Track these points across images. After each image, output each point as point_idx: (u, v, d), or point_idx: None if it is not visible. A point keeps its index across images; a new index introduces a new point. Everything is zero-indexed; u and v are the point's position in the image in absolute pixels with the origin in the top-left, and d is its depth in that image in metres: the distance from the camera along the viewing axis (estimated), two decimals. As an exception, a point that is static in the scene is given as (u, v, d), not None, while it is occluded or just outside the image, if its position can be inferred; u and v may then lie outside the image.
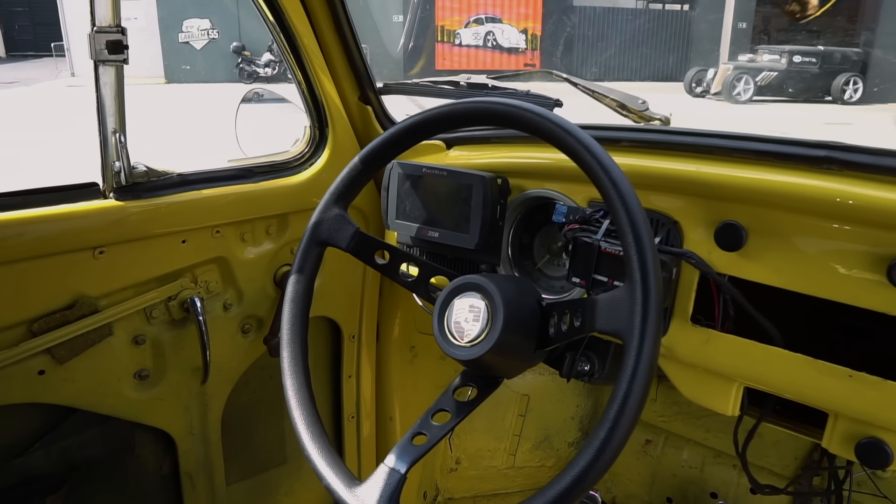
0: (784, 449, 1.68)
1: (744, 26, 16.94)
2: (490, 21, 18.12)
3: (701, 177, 0.97)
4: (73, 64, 15.68)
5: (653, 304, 0.76)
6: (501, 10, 18.32)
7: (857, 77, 14.00)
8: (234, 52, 15.56)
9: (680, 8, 19.09)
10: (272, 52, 14.88)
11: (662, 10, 19.09)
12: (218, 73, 15.65)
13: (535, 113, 0.87)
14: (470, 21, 18.10)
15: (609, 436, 0.75)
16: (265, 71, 15.45)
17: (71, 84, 14.15)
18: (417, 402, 1.78)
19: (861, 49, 14.63)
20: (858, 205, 0.88)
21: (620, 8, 18.69)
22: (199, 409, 1.35)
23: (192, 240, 1.23)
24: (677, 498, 1.90)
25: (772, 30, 17.57)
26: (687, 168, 0.99)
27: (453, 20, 18.01)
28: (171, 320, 1.25)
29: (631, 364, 0.76)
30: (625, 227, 0.79)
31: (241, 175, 1.28)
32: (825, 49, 14.31)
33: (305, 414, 0.97)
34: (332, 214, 1.03)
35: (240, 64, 15.45)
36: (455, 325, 0.91)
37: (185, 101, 13.28)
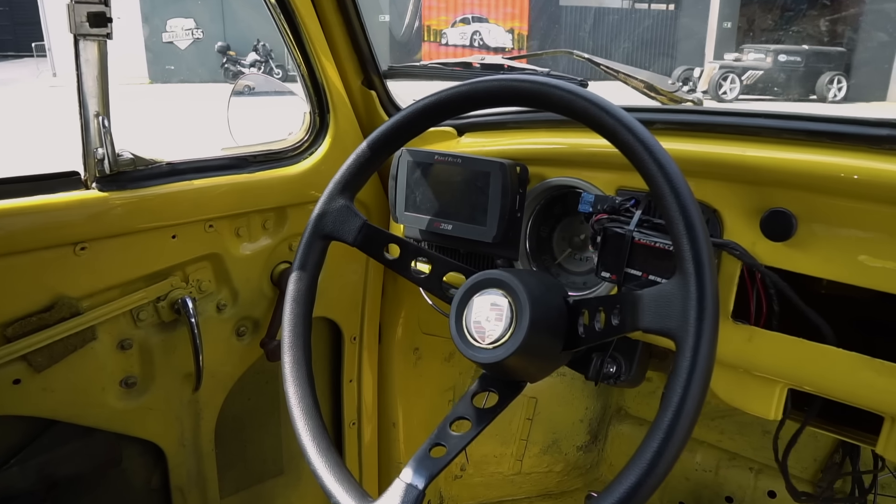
0: (803, 451, 1.62)
1: (728, 26, 17.01)
2: (476, 21, 18.07)
3: (745, 161, 0.89)
4: (54, 64, 15.43)
5: (709, 298, 0.68)
6: (488, 9, 18.29)
7: (841, 76, 14.09)
8: (218, 52, 15.40)
9: (666, 8, 19.15)
10: (257, 51, 14.75)
11: (648, 9, 19.15)
12: (203, 73, 15.47)
13: (568, 90, 0.78)
14: (456, 21, 18.05)
15: (662, 447, 0.67)
16: (251, 71, 15.29)
17: (53, 84, 13.91)
18: (421, 407, 1.70)
19: (845, 48, 14.74)
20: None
21: (606, 7, 18.72)
22: (191, 418, 1.26)
23: (183, 235, 1.13)
24: (690, 502, 1.83)
25: (756, 29, 17.67)
26: (730, 151, 0.90)
27: (440, 20, 17.95)
28: (161, 323, 1.16)
29: (686, 367, 0.68)
30: (674, 215, 0.71)
31: (235, 165, 1.19)
32: (809, 48, 14.39)
33: (311, 424, 0.88)
34: (338, 205, 0.95)
35: (225, 64, 15.29)
36: (475, 325, 0.84)
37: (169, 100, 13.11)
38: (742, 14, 17.27)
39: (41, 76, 15.30)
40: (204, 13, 16.04)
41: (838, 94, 14.05)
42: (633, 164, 0.75)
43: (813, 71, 14.08)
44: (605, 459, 1.97)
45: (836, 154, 0.85)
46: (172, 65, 16.00)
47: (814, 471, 1.62)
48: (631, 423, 1.91)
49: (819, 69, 14.09)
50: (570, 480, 1.97)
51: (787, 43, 14.82)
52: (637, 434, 1.88)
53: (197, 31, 15.79)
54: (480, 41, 18.18)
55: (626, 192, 1.01)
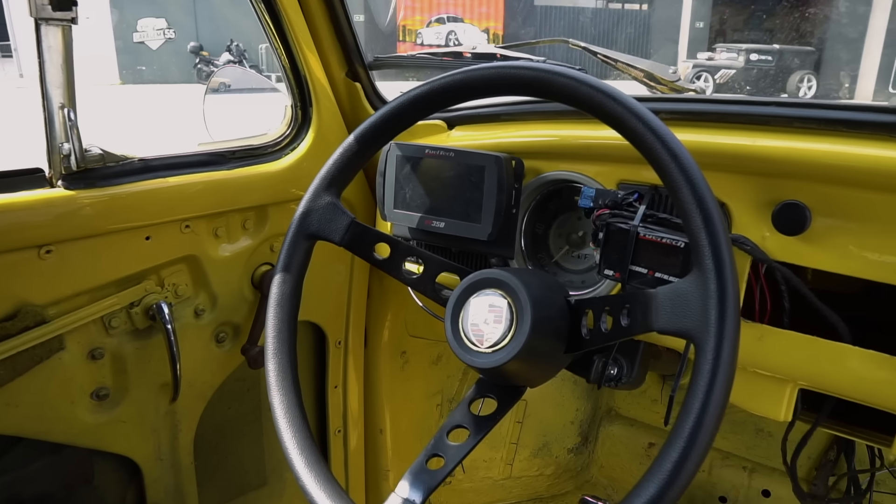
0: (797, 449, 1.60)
1: (701, 25, 17.20)
2: (452, 21, 18.06)
3: (756, 151, 0.84)
4: (20, 64, 15.07)
5: (730, 296, 0.64)
6: (463, 9, 18.30)
7: (811, 74, 14.33)
8: (191, 53, 15.15)
9: (639, 7, 19.32)
10: (231, 52, 14.54)
11: (622, 9, 19.30)
12: (175, 74, 15.21)
13: (571, 77, 0.74)
14: (431, 21, 18.02)
15: (684, 456, 0.62)
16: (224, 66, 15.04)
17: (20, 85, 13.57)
18: (409, 412, 1.65)
19: (814, 48, 14.99)
20: None
21: (581, 7, 18.84)
22: (169, 430, 1.19)
23: (158, 236, 1.06)
24: (683, 503, 1.80)
25: (727, 29, 17.89)
26: (739, 142, 0.86)
27: (414, 20, 17.92)
28: (134, 330, 1.09)
29: (708, 370, 0.63)
30: (690, 207, 0.66)
31: (213, 161, 1.12)
32: (780, 47, 14.62)
33: (299, 437, 0.82)
34: (324, 203, 0.89)
35: (198, 64, 15.05)
36: (472, 328, 0.79)
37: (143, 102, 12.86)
38: (714, 14, 17.49)
39: (7, 77, 14.93)
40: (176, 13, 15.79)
41: (808, 91, 14.29)
42: (644, 155, 0.70)
43: (784, 69, 14.31)
44: (595, 461, 1.94)
45: (853, 143, 0.81)
46: (144, 65, 15.72)
47: (808, 469, 1.60)
48: (621, 424, 1.87)
49: (790, 68, 14.33)
50: (561, 483, 1.93)
51: (758, 42, 15.04)
52: (628, 434, 1.85)
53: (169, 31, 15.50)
54: (456, 41, 18.15)
55: (627, 186, 0.96)
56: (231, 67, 1.48)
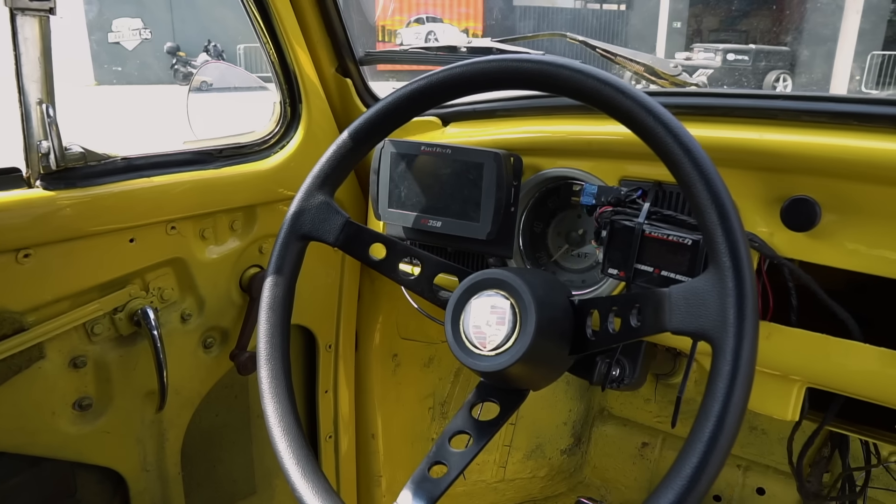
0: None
1: (678, 26, 17.36)
2: (431, 21, 18.04)
3: (764, 146, 0.82)
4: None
5: (749, 295, 0.61)
6: (442, 9, 18.29)
7: (786, 74, 14.53)
8: (168, 53, 14.95)
9: (617, 8, 19.45)
10: (209, 52, 14.37)
11: (600, 9, 19.42)
12: (152, 75, 14.99)
13: (576, 69, 0.71)
14: (411, 21, 17.99)
15: (704, 461, 0.60)
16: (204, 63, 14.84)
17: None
18: (400, 416, 1.62)
19: (789, 47, 15.20)
20: None
21: (559, 7, 18.92)
22: (155, 440, 1.14)
23: (142, 238, 1.02)
24: None
25: (704, 30, 18.08)
26: (747, 136, 0.84)
27: (394, 20, 17.85)
28: (118, 337, 1.04)
29: (727, 372, 0.61)
30: (705, 203, 0.64)
31: (199, 160, 1.08)
32: (756, 47, 14.81)
33: (294, 446, 0.79)
34: (317, 202, 0.86)
35: (175, 65, 14.85)
36: (474, 330, 0.76)
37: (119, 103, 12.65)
38: (691, 14, 17.66)
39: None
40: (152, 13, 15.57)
41: (784, 90, 14.48)
42: (654, 150, 0.68)
43: (760, 69, 14.50)
44: (588, 462, 1.92)
45: (864, 136, 0.79)
46: (119, 66, 15.48)
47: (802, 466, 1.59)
48: (614, 424, 1.86)
49: (766, 67, 14.51)
50: (555, 485, 1.91)
51: (735, 42, 15.22)
52: (621, 435, 1.84)
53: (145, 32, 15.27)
54: (435, 41, 18.06)
55: (630, 183, 0.94)
56: (214, 64, 1.42)
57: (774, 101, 0.86)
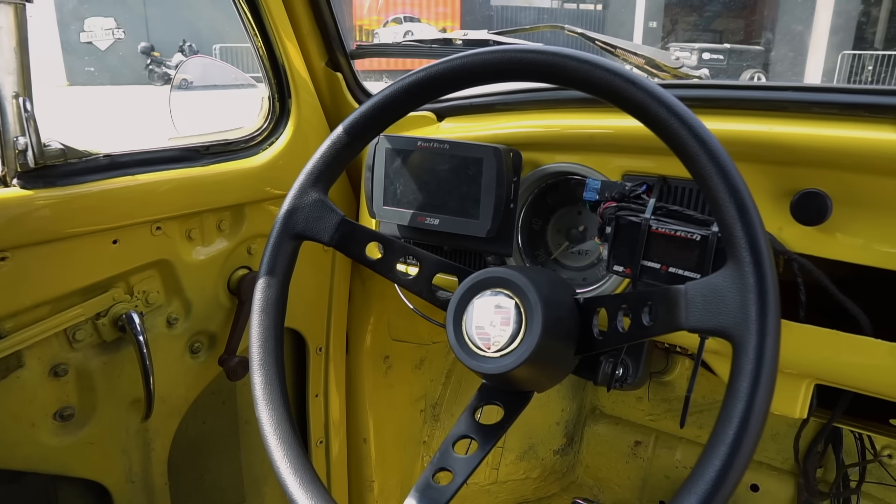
0: (783, 441, 1.59)
1: (654, 25, 17.52)
2: (408, 20, 17.99)
3: (773, 138, 0.80)
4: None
5: (771, 290, 0.59)
6: (419, 9, 18.25)
7: (760, 73, 14.73)
8: (142, 53, 14.70)
9: (594, 7, 19.58)
10: (184, 52, 14.16)
11: (577, 9, 19.53)
12: (126, 75, 14.74)
13: (584, 60, 0.68)
14: (388, 21, 17.92)
15: (728, 464, 0.57)
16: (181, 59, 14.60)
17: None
18: (393, 420, 1.58)
19: (763, 47, 15.42)
20: None
21: (537, 7, 18.99)
22: (141, 450, 1.09)
23: (126, 239, 0.97)
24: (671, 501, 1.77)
25: (679, 29, 18.27)
26: (756, 129, 0.82)
27: (371, 20, 17.78)
28: (101, 343, 0.99)
29: (750, 371, 0.58)
30: (723, 197, 0.62)
31: (185, 157, 1.03)
32: (731, 46, 14.99)
33: (291, 455, 0.76)
34: (310, 200, 0.82)
35: (149, 65, 14.62)
36: (478, 331, 0.74)
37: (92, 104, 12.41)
38: (667, 14, 17.85)
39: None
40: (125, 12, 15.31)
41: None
42: (668, 143, 0.66)
43: (734, 68, 14.68)
44: (581, 462, 1.90)
45: (876, 128, 0.77)
46: (92, 66, 15.20)
47: (794, 462, 1.59)
48: (606, 423, 1.84)
49: (740, 66, 14.70)
50: (547, 486, 1.89)
51: (709, 42, 15.40)
52: (613, 434, 1.82)
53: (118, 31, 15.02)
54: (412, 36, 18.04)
55: (634, 177, 0.92)
56: (195, 60, 1.36)
57: (783, 93, 0.84)
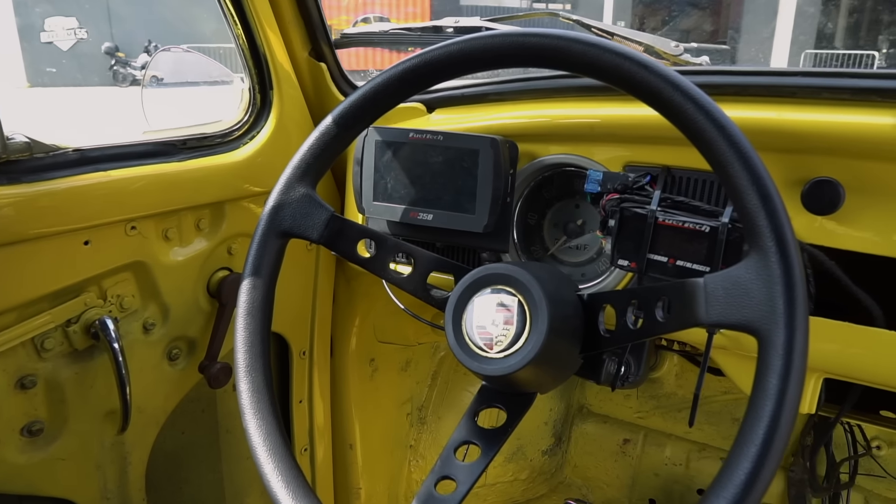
0: None
1: (622, 25, 17.71)
2: (378, 20, 17.85)
3: (783, 125, 0.77)
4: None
5: (798, 280, 0.56)
6: (389, 9, 18.18)
7: (727, 71, 15.00)
8: (106, 54, 14.37)
9: (562, 7, 19.72)
10: (149, 53, 13.89)
11: (545, 9, 19.65)
12: (89, 76, 14.40)
13: (592, 44, 0.65)
14: (358, 20, 17.75)
15: (759, 466, 0.54)
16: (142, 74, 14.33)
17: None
18: (379, 425, 1.53)
19: (728, 45, 15.68)
20: None
21: (506, 7, 19.06)
22: (116, 464, 1.03)
23: (98, 240, 0.91)
24: (661, 499, 1.76)
25: (646, 29, 18.51)
26: (764, 115, 0.79)
27: (340, 19, 17.63)
28: (73, 352, 0.93)
29: (779, 367, 0.55)
30: (744, 184, 0.59)
31: (161, 152, 0.97)
32: (698, 45, 15.20)
33: (282, 467, 0.71)
34: (298, 195, 0.78)
35: (114, 66, 14.29)
36: (479, 331, 0.70)
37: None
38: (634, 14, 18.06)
39: None
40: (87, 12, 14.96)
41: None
42: (684, 129, 0.62)
43: (701, 66, 14.93)
44: (569, 461, 1.87)
45: (890, 113, 0.75)
46: (54, 67, 14.81)
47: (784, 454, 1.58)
48: (594, 422, 1.82)
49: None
50: (536, 487, 1.86)
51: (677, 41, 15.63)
52: (601, 432, 1.80)
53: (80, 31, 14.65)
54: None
55: (636, 168, 0.88)
56: (166, 54, 1.29)
57: (792, 79, 0.81)
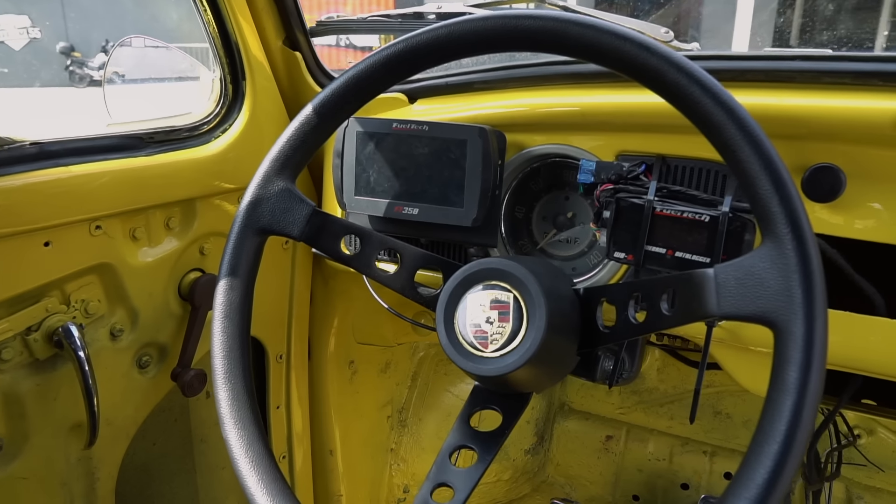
0: (754, 427, 1.57)
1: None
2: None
3: (782, 111, 0.75)
4: None
5: (816, 268, 0.54)
6: (353, 8, 18.07)
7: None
8: (61, 54, 13.98)
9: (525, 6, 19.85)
10: (107, 53, 13.55)
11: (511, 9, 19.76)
12: (44, 77, 14.00)
13: (588, 25, 0.61)
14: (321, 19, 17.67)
15: (780, 463, 0.52)
16: (100, 73, 13.98)
17: None
18: (360, 429, 1.49)
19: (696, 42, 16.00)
20: None
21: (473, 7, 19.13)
22: (83, 481, 0.97)
23: (60, 240, 0.85)
24: (644, 494, 1.75)
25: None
26: (763, 101, 0.77)
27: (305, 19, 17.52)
28: (34, 361, 0.86)
29: (799, 360, 0.53)
30: (755, 169, 0.56)
31: (127, 145, 0.91)
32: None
33: (267, 479, 0.67)
34: (276, 189, 0.73)
35: (70, 66, 13.91)
36: (474, 330, 0.67)
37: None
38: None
39: None
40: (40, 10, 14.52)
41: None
42: (689, 113, 0.59)
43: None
44: (551, 460, 1.85)
45: (892, 98, 0.73)
46: (5, 68, 14.36)
47: None
48: (576, 419, 1.80)
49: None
50: (519, 487, 1.83)
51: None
52: (583, 429, 1.78)
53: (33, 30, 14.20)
54: (347, 41, 17.84)
55: (629, 157, 0.85)
56: (125, 50, 1.21)
57: (791, 63, 0.79)
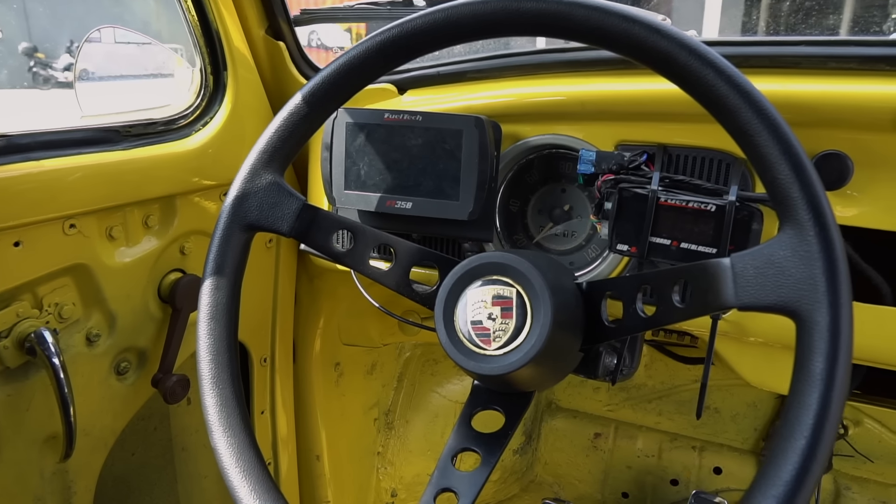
0: (743, 422, 1.58)
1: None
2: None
3: (788, 97, 0.74)
4: None
5: (840, 256, 0.52)
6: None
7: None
8: (24, 55, 13.64)
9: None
10: (72, 53, 13.25)
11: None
12: (6, 78, 13.66)
13: (593, 7, 0.59)
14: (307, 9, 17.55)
15: (808, 459, 0.49)
16: (65, 75, 13.69)
17: None
18: (346, 433, 1.45)
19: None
20: None
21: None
22: (59, 495, 0.92)
23: (31, 240, 0.80)
24: (634, 492, 1.73)
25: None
26: (768, 87, 0.74)
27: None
28: (4, 370, 0.82)
29: (824, 352, 0.51)
30: (773, 154, 0.54)
31: (101, 139, 0.86)
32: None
33: (260, 489, 0.63)
34: (264, 183, 0.70)
35: (33, 67, 13.59)
36: (475, 327, 0.64)
37: (-36, 109, 11.38)
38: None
39: None
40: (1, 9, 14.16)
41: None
42: (702, 97, 0.57)
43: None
44: (539, 459, 1.83)
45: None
46: (-35, 69, 13.98)
47: (755, 440, 1.58)
48: (564, 417, 1.78)
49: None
50: (507, 488, 1.81)
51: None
52: (571, 427, 1.76)
53: (-6, 30, 13.85)
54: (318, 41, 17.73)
55: (629, 147, 0.83)
56: (95, 46, 1.15)
57: (797, 48, 0.78)
